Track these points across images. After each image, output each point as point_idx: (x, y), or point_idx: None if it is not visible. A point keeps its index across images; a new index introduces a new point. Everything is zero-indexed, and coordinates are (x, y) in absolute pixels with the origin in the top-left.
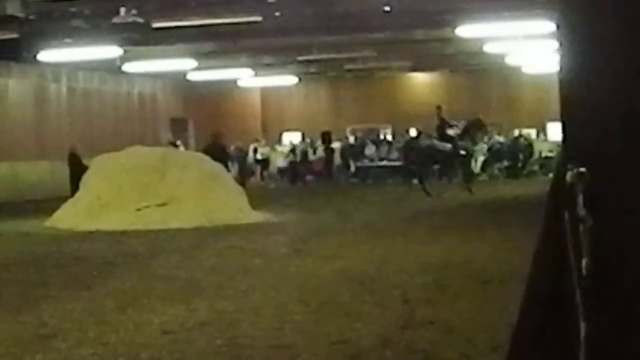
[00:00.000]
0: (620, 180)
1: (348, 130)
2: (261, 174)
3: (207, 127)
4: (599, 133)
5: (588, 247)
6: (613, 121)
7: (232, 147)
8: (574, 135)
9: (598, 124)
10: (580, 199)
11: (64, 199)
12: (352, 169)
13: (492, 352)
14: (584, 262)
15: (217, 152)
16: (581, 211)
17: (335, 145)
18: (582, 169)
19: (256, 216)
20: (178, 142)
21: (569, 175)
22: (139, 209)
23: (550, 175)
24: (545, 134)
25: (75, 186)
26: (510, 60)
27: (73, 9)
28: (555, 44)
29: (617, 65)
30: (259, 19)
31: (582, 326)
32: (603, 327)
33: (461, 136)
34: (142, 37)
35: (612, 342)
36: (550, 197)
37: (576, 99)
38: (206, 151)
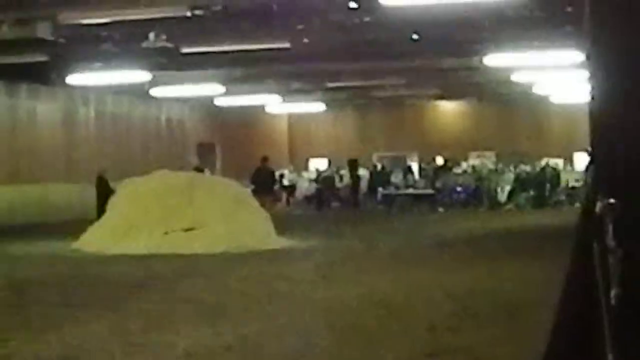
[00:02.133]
0: None
1: (375, 157)
2: (287, 199)
3: (234, 153)
4: (629, 163)
5: (618, 278)
6: None
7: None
8: (603, 165)
9: (628, 154)
10: (610, 230)
11: (91, 222)
12: (379, 196)
13: None
14: (613, 292)
15: (266, 175)
16: (611, 242)
17: (362, 172)
18: (612, 200)
19: (282, 242)
20: (206, 170)
21: (598, 206)
22: (165, 233)
23: (577, 205)
24: (572, 164)
25: (102, 209)
26: (538, 90)
27: (103, 33)
28: (583, 74)
29: None
30: (288, 45)
31: (610, 357)
32: (631, 357)
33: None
34: (170, 62)
35: None
36: (580, 228)
37: (606, 128)
38: (256, 174)
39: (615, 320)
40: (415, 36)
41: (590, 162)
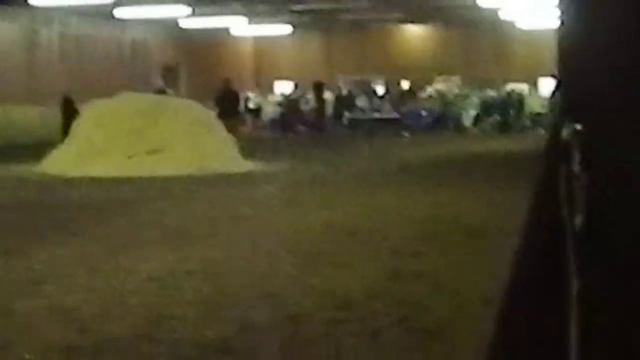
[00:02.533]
0: (617, 138)
1: (340, 81)
2: (252, 123)
3: (200, 75)
4: (597, 89)
5: (582, 204)
6: (612, 77)
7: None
8: (570, 91)
9: (597, 80)
10: (576, 156)
11: (55, 145)
12: (344, 120)
13: (483, 305)
14: (577, 218)
15: (230, 97)
16: (576, 168)
17: (328, 96)
18: (579, 126)
19: (247, 165)
20: (169, 91)
21: (565, 132)
22: (130, 156)
23: (542, 130)
24: (537, 89)
25: (67, 131)
26: (504, 15)
27: None
28: (549, 0)
29: (618, 20)
30: None
31: (575, 283)
32: (594, 284)
33: None
34: None
35: (602, 299)
36: (546, 154)
37: (574, 53)
38: (219, 97)
39: (579, 246)
40: None
41: (557, 88)
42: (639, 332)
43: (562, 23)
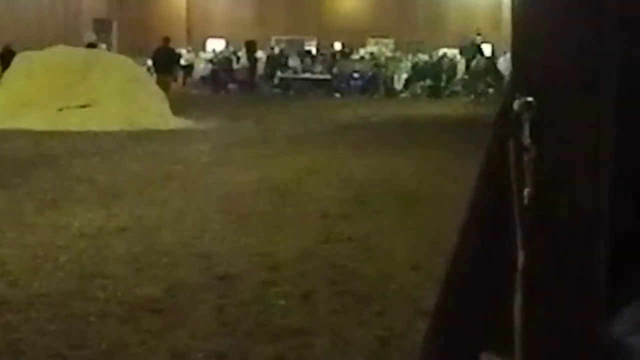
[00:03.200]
0: (566, 112)
1: (273, 40)
2: (184, 80)
3: (132, 30)
4: (547, 61)
5: (531, 177)
6: (564, 51)
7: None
8: (522, 63)
9: (547, 52)
10: (526, 129)
11: None
12: (276, 79)
13: (411, 270)
14: (525, 191)
15: (168, 55)
16: (526, 140)
17: (260, 55)
18: (530, 99)
19: (177, 122)
20: (101, 45)
21: (515, 104)
22: (60, 109)
23: (472, 96)
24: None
25: None
26: None
27: None
28: None
29: None
30: None
31: (520, 254)
32: (540, 256)
33: None
34: None
35: (548, 272)
36: (496, 125)
37: (527, 26)
38: (156, 54)
39: (527, 219)
40: None
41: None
42: (579, 306)
43: None
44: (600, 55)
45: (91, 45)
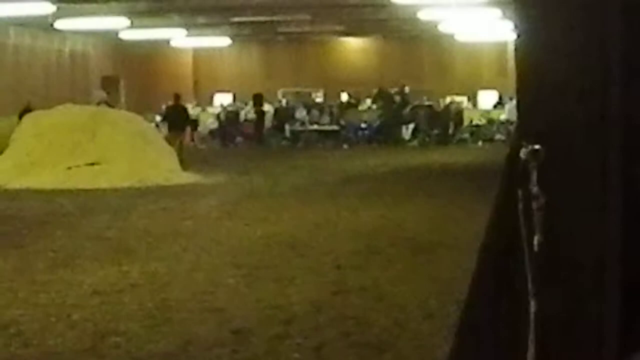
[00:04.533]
0: (573, 158)
1: (280, 93)
2: (191, 135)
3: (139, 87)
4: (553, 110)
5: (540, 225)
6: (568, 99)
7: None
8: (528, 112)
9: (553, 101)
10: (534, 177)
11: None
12: (284, 132)
13: (424, 319)
14: (535, 239)
15: (179, 112)
16: (534, 188)
17: (267, 108)
18: (537, 147)
19: (187, 177)
20: (110, 102)
21: (522, 152)
22: (69, 168)
23: (480, 143)
24: (475, 102)
25: None
26: (443, 28)
27: None
28: (489, 13)
29: (573, 43)
30: None
31: (532, 302)
32: (551, 304)
33: None
34: None
35: (560, 319)
36: (504, 174)
37: (532, 75)
38: (168, 112)
39: (537, 267)
40: None
41: (517, 109)
42: (591, 352)
43: (519, 44)
44: (604, 101)
45: (103, 103)
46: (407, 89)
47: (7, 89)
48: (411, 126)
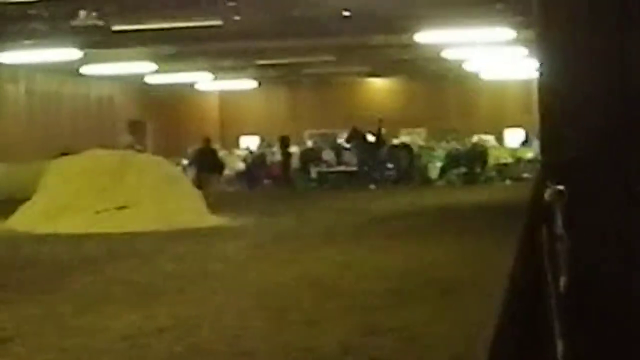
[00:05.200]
0: (597, 195)
1: (306, 134)
2: (219, 178)
3: (165, 130)
4: (577, 151)
5: (566, 266)
6: (592, 138)
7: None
8: (552, 152)
9: (577, 142)
10: (559, 217)
11: (21, 202)
12: (310, 173)
13: None
14: (561, 280)
15: (208, 155)
16: (559, 230)
17: (293, 149)
18: (561, 187)
19: (214, 220)
20: (137, 146)
21: (547, 193)
22: (97, 212)
23: (507, 181)
24: (502, 140)
25: None
26: (468, 67)
27: (32, 12)
28: (513, 51)
29: (595, 83)
30: (219, 22)
31: (559, 343)
32: (579, 344)
33: None
34: (101, 40)
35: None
36: (528, 214)
37: (555, 116)
38: (197, 155)
39: (564, 308)
40: (346, 13)
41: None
42: None
43: (541, 86)
44: (627, 141)
45: (130, 147)
46: (383, 130)
47: (35, 134)
48: (437, 165)
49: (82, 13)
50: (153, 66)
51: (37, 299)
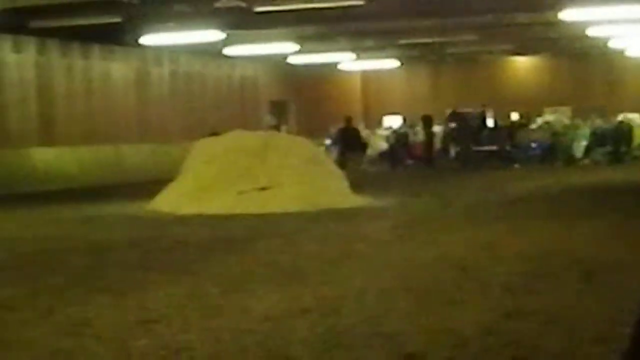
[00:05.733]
0: None
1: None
2: (361, 157)
3: (308, 111)
4: None
5: None
6: None
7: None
8: None
9: None
10: None
11: (166, 183)
12: (452, 153)
13: (596, 344)
14: None
15: (351, 135)
16: None
17: (436, 129)
18: None
19: (357, 200)
20: (282, 127)
21: None
22: (240, 193)
23: None
24: None
25: None
26: (613, 44)
27: None
28: None
29: None
30: (361, 2)
31: None
32: None
33: None
34: (244, 21)
35: None
36: None
37: None
38: (341, 134)
39: None
40: None
41: None
42: None
43: None
44: None
45: (275, 127)
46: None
47: (178, 115)
48: (582, 144)
49: None
50: (295, 47)
51: (181, 280)
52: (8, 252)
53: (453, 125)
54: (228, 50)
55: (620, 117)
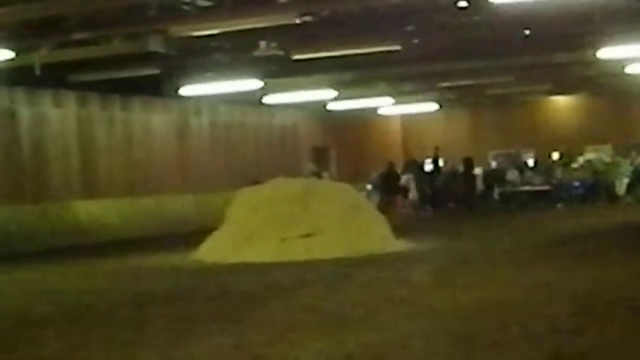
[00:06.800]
0: None
1: (489, 155)
2: (403, 201)
3: (349, 156)
4: None
5: None
6: None
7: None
8: None
9: None
10: None
11: (208, 232)
12: (495, 194)
13: None
14: None
15: (393, 179)
16: None
17: (477, 171)
18: None
19: (399, 245)
20: (324, 174)
21: None
22: (283, 240)
23: None
24: None
25: None
26: None
27: (214, 44)
28: None
29: None
30: (398, 47)
31: None
32: None
33: None
34: (282, 69)
35: None
36: None
37: None
38: (383, 179)
39: None
40: (526, 32)
41: None
42: None
43: None
44: None
45: (316, 175)
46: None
47: (219, 165)
48: (625, 181)
49: (263, 43)
50: (334, 93)
51: (227, 329)
52: (55, 305)
53: (408, 174)
54: (267, 99)
55: None
